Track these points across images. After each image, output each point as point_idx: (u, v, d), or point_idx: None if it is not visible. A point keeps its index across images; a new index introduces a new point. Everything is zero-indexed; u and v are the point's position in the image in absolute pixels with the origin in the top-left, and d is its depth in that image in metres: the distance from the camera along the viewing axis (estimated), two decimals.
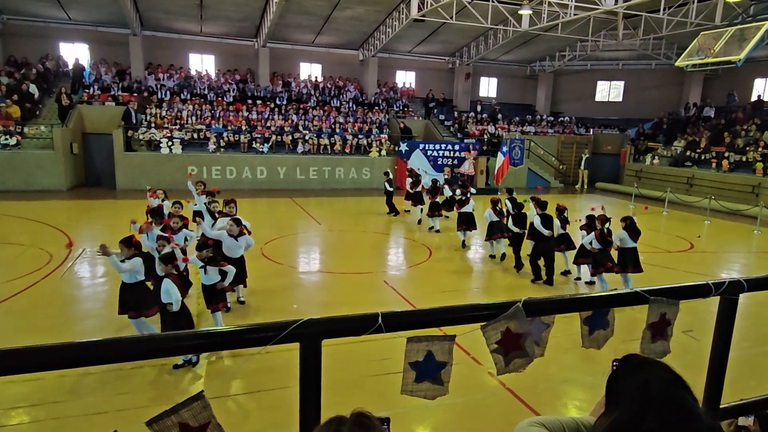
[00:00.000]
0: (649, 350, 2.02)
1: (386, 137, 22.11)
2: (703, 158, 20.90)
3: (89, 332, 6.29)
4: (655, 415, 1.13)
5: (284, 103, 22.67)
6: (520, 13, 17.96)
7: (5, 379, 5.08)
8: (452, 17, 18.05)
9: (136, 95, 20.03)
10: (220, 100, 21.59)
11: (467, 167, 20.60)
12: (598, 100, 28.23)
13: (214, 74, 23.26)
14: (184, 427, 1.34)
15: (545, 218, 8.67)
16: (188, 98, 21.13)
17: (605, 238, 7.95)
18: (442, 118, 25.40)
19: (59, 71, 20.64)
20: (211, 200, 9.01)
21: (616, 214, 16.97)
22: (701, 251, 12.00)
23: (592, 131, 26.28)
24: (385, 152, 21.24)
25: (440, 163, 20.74)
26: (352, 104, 24.14)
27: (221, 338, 1.52)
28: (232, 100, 21.89)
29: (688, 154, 21.58)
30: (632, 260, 7.97)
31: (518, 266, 9.54)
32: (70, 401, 4.77)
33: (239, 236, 7.06)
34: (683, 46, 19.85)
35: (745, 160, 19.31)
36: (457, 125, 24.82)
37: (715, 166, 20.08)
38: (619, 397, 1.22)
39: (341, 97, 24.45)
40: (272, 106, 22.13)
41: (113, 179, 17.96)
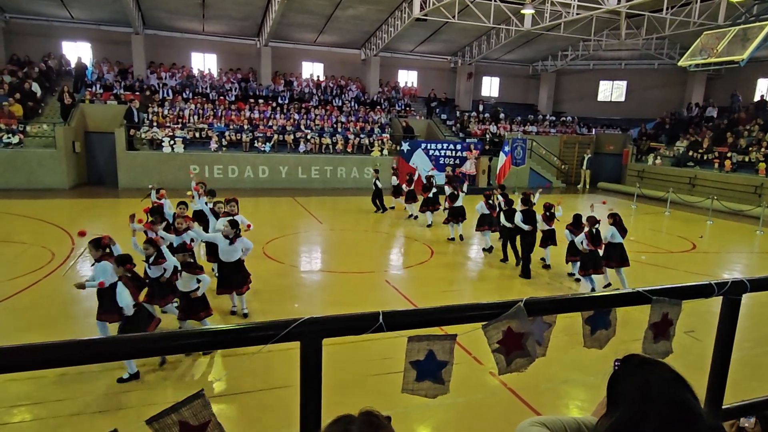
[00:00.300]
0: (651, 350, 2.01)
1: (388, 137, 22.11)
2: (705, 158, 20.85)
3: (90, 330, 6.27)
4: (656, 415, 1.13)
5: (286, 102, 22.68)
6: (522, 12, 17.93)
7: (7, 376, 5.09)
8: (454, 16, 18.03)
9: (138, 94, 20.06)
10: (222, 99, 21.60)
11: (469, 167, 20.58)
12: (600, 99, 28.18)
13: (216, 73, 23.28)
14: (184, 425, 1.34)
15: (527, 214, 9.13)
16: (190, 97, 21.15)
17: (595, 238, 8.14)
18: (444, 117, 25.38)
19: (62, 70, 20.70)
20: (214, 201, 8.90)
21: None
22: (703, 252, 11.97)
23: (594, 131, 26.24)
24: (387, 151, 21.24)
25: (442, 162, 20.74)
26: (353, 104, 24.13)
27: (222, 336, 1.52)
28: (234, 99, 21.89)
29: (690, 154, 21.53)
30: (618, 255, 8.27)
31: (505, 259, 10.15)
32: (71, 399, 4.78)
33: (235, 239, 6.72)
34: (686, 45, 19.79)
35: (747, 160, 19.25)
36: (459, 125, 24.80)
37: (717, 166, 20.02)
38: (620, 397, 1.22)
39: (343, 96, 24.44)
40: (274, 105, 22.14)
41: (115, 178, 18.00)
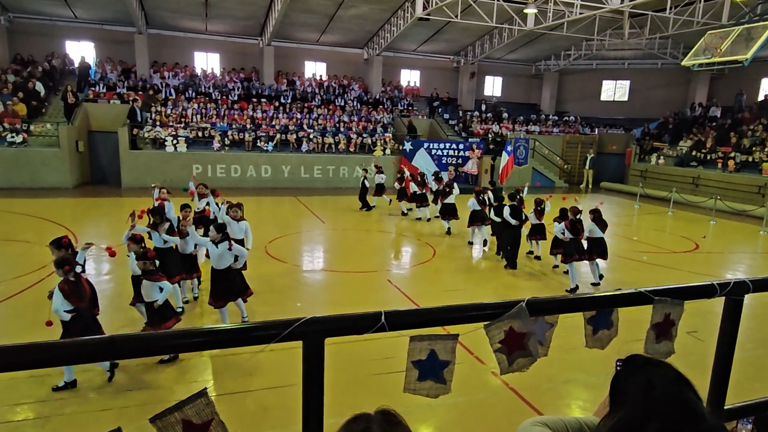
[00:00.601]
0: (653, 351, 2.01)
1: (390, 136, 22.10)
2: (708, 158, 20.79)
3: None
4: (659, 415, 1.12)
5: (289, 101, 22.70)
6: (525, 11, 17.91)
7: (10, 375, 5.12)
8: (457, 16, 18.02)
9: (141, 93, 20.10)
10: (224, 98, 21.62)
11: (471, 166, 20.55)
12: (603, 99, 28.11)
13: (219, 73, 23.32)
14: (187, 424, 1.34)
15: (514, 209, 9.62)
16: (193, 96, 21.20)
17: (575, 227, 8.51)
18: (446, 117, 25.37)
19: (65, 69, 20.76)
20: (228, 205, 7.89)
21: (618, 213, 17.03)
22: (706, 252, 11.94)
23: (597, 131, 26.18)
24: (389, 151, 21.23)
25: (444, 162, 20.72)
26: (356, 103, 24.14)
27: (224, 336, 1.52)
28: (236, 98, 21.92)
29: (693, 154, 21.47)
30: (599, 249, 8.67)
31: (499, 252, 10.57)
32: (74, 398, 4.80)
33: (221, 242, 6.18)
34: (689, 45, 19.72)
35: (751, 160, 19.19)
36: (461, 124, 24.79)
37: (720, 166, 19.96)
38: (623, 397, 1.21)
39: (346, 95, 24.45)
40: (277, 104, 22.16)
41: (118, 177, 18.04)
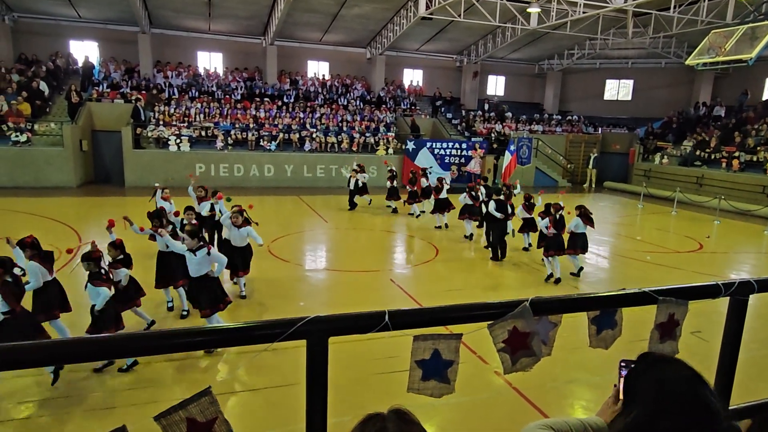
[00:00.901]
0: (657, 350, 2.01)
1: (393, 135, 22.10)
2: (713, 158, 20.70)
3: None
4: (675, 413, 1.11)
5: (292, 101, 22.71)
6: (528, 11, 17.86)
7: (14, 372, 5.14)
8: (460, 15, 18.00)
9: (144, 93, 20.15)
10: (227, 98, 21.65)
11: (474, 166, 20.53)
12: (606, 98, 28.02)
13: (222, 72, 23.35)
14: (191, 422, 1.35)
15: (500, 204, 10.17)
16: (196, 96, 21.23)
17: (558, 222, 8.99)
18: (449, 116, 25.34)
19: (69, 69, 20.82)
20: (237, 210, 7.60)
21: (621, 213, 16.99)
22: (710, 252, 11.90)
23: (600, 130, 26.11)
24: (392, 150, 21.23)
25: (447, 161, 20.71)
26: (359, 102, 24.14)
27: (228, 335, 1.52)
28: (239, 97, 21.95)
29: (697, 153, 21.38)
30: (581, 243, 9.18)
31: (488, 246, 10.90)
32: (78, 396, 4.82)
33: (198, 250, 5.83)
34: (694, 44, 19.65)
35: (755, 159, 19.10)
36: (464, 124, 24.76)
37: (725, 165, 19.87)
38: (637, 395, 1.20)
39: (348, 95, 24.45)
40: (280, 104, 22.18)
41: (122, 176, 18.09)
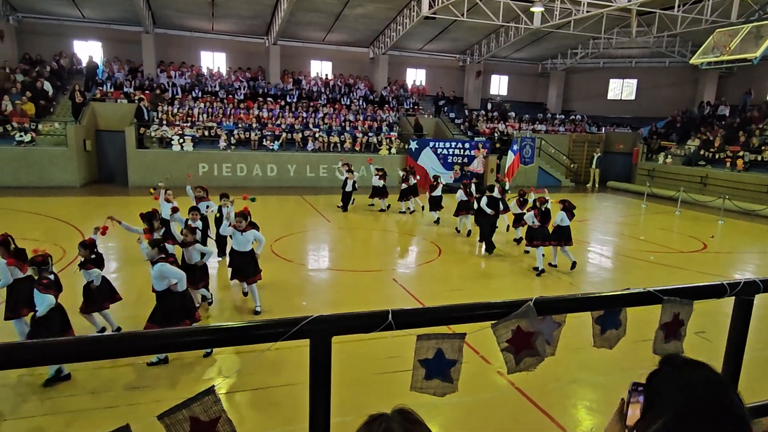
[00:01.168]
0: (661, 350, 2.00)
1: (396, 135, 22.09)
2: (717, 157, 20.61)
3: None
4: (705, 419, 1.06)
5: (295, 100, 22.73)
6: (532, 10, 17.82)
7: (18, 371, 5.16)
8: (463, 15, 17.97)
9: (148, 93, 20.19)
10: (231, 97, 21.68)
11: (476, 165, 20.50)
12: (610, 98, 27.95)
13: (225, 72, 23.38)
14: (195, 421, 1.35)
15: (491, 200, 10.60)
16: (199, 96, 21.26)
17: (544, 215, 9.35)
18: (452, 116, 25.31)
19: (73, 69, 20.89)
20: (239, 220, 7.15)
21: (625, 212, 16.93)
22: (715, 251, 11.85)
23: (604, 130, 26.05)
24: (395, 150, 21.21)
25: (450, 161, 20.68)
26: (362, 102, 24.13)
27: (231, 334, 1.52)
28: (242, 97, 21.98)
29: (701, 153, 21.30)
30: (565, 236, 9.57)
31: (482, 239, 11.13)
32: (82, 395, 4.83)
33: (156, 263, 5.48)
34: (698, 43, 19.58)
35: (760, 159, 19.01)
36: (467, 123, 24.72)
37: (729, 165, 19.79)
38: (663, 401, 1.13)
39: (351, 94, 24.45)
40: (283, 103, 22.20)
41: (126, 176, 18.13)
